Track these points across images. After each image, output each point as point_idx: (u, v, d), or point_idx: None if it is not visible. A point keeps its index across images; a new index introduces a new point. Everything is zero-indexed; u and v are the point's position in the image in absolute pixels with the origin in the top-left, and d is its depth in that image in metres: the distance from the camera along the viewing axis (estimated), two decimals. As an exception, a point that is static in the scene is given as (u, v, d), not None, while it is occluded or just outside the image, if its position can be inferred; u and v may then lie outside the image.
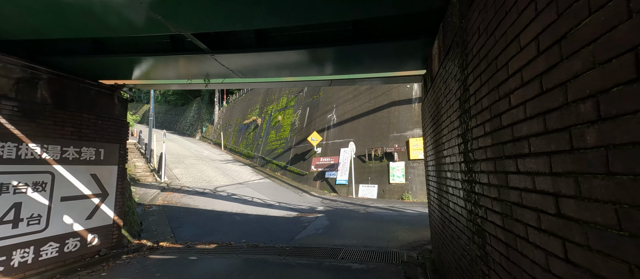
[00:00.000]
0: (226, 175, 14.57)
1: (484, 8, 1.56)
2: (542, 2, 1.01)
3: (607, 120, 0.72)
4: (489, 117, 1.56)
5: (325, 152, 14.21)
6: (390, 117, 12.11)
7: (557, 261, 0.97)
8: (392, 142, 11.60)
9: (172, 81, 5.10)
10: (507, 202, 1.37)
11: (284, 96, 19.58)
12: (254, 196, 10.70)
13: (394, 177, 11.04)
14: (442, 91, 2.69)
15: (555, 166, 0.97)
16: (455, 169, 2.33)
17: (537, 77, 1.07)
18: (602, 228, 0.74)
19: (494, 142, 1.51)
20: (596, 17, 0.75)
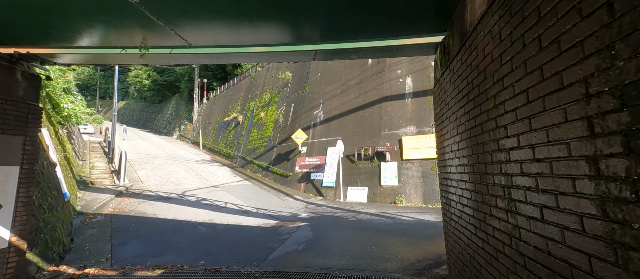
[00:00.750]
0: (200, 177, 13.06)
1: None
2: None
3: None
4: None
5: (311, 151, 13.05)
6: (382, 114, 11.15)
7: None
8: (384, 141, 10.63)
9: (98, 50, 3.75)
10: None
11: (268, 91, 18.24)
12: (229, 202, 9.34)
13: (386, 179, 10.05)
14: (494, 51, 1.61)
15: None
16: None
17: None
18: None
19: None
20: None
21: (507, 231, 1.51)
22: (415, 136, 9.96)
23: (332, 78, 13.78)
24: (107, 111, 58.58)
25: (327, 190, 11.46)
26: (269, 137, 16.04)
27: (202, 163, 16.94)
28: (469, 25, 2.03)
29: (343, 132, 12.14)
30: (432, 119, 10.38)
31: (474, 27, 1.91)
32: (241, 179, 13.60)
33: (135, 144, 21.75)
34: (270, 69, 19.32)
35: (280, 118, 15.71)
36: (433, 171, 9.24)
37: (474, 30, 1.92)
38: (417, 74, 10.81)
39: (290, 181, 13.15)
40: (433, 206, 8.73)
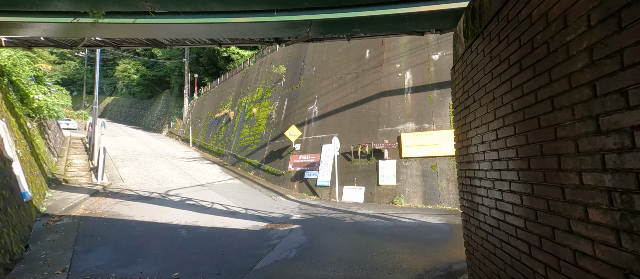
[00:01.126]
0: (186, 175, 12.31)
1: None
2: None
3: None
4: None
5: (305, 149, 12.44)
6: (380, 110, 10.62)
7: None
8: (382, 138, 10.10)
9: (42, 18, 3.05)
10: None
11: (260, 86, 17.52)
12: (216, 202, 8.67)
13: (384, 178, 9.53)
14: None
15: None
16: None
17: None
18: None
19: None
20: None
21: (617, 263, 0.94)
22: (414, 132, 9.46)
23: (328, 72, 13.19)
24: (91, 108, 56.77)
25: (322, 189, 10.89)
26: (261, 134, 15.36)
27: (191, 161, 16.14)
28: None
29: (339, 128, 11.57)
30: (433, 115, 9.94)
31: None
32: (231, 178, 12.90)
33: (121, 141, 20.74)
34: (263, 63, 18.58)
35: (273, 114, 15.04)
36: (433, 170, 8.76)
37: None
38: (416, 68, 10.30)
39: (283, 179, 12.53)
40: (433, 206, 8.25)
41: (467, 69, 2.33)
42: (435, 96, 9.57)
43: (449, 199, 8.14)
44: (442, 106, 9.31)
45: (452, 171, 8.41)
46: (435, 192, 8.46)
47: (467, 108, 2.37)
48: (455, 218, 6.75)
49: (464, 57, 2.42)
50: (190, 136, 23.50)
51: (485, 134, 1.97)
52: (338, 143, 10.48)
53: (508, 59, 1.63)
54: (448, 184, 8.33)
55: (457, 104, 2.73)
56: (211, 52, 26.81)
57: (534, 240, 1.43)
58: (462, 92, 2.47)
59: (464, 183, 2.47)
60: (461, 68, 2.49)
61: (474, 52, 2.14)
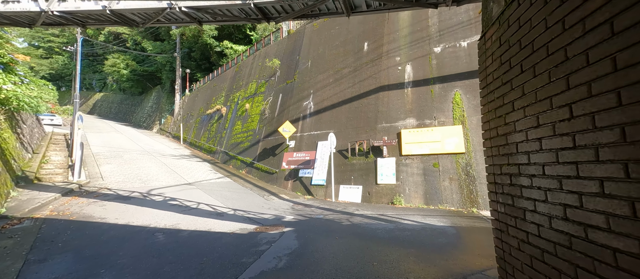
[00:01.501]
0: (173, 173, 11.61)
1: None
2: None
3: None
4: None
5: (300, 146, 11.85)
6: (379, 105, 10.07)
7: None
8: (381, 135, 9.57)
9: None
10: None
11: (254, 80, 16.83)
12: (202, 202, 8.02)
13: (382, 176, 9.00)
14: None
15: None
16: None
17: None
18: None
19: None
20: None
21: None
22: (415, 129, 8.94)
23: (324, 66, 12.59)
24: (84, 102, 55.04)
25: (317, 188, 10.31)
26: (254, 130, 14.70)
27: (180, 158, 15.40)
28: None
29: (335, 124, 11.00)
30: (435, 111, 9.42)
31: None
32: (221, 176, 12.23)
33: (107, 137, 19.83)
34: (257, 57, 17.88)
35: (267, 110, 14.39)
36: (435, 168, 8.25)
37: None
38: (418, 61, 9.78)
39: (276, 178, 11.92)
40: (436, 207, 7.74)
41: (509, 31, 1.76)
42: (437, 90, 9.06)
43: (452, 199, 7.64)
44: (445, 100, 8.81)
45: (455, 169, 7.92)
46: (437, 192, 7.96)
47: (507, 83, 1.80)
48: (460, 220, 6.24)
49: (503, 16, 1.85)
50: (181, 133, 22.67)
51: (546, 113, 1.40)
52: (334, 140, 9.91)
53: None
54: (451, 184, 7.84)
55: (488, 82, 2.16)
56: (203, 47, 25.97)
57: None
58: (499, 63, 1.90)
59: (500, 182, 1.91)
60: (498, 33, 1.92)
61: (525, 4, 1.57)
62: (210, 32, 23.73)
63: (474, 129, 8.05)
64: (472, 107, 8.29)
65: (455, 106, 8.56)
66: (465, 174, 7.73)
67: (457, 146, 8.08)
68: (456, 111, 8.49)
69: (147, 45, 29.58)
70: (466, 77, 8.68)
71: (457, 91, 8.70)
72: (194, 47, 27.19)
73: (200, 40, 25.19)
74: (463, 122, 8.26)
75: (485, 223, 5.96)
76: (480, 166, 7.60)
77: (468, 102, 8.41)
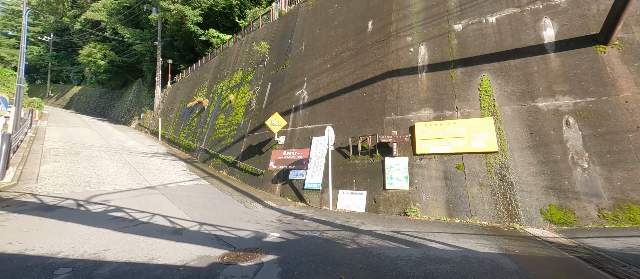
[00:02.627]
0: (136, 174, 9.59)
1: None
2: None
3: None
4: None
5: (291, 142, 10.04)
6: (386, 93, 8.38)
7: None
8: (389, 129, 7.88)
9: None
10: None
11: (240, 69, 14.90)
12: (160, 212, 6.11)
13: (392, 180, 7.30)
14: None
15: None
16: None
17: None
18: None
19: None
20: None
21: None
22: (432, 122, 7.28)
23: (320, 50, 10.84)
24: (60, 96, 51.40)
25: (311, 194, 8.53)
26: (239, 125, 12.78)
27: (151, 157, 13.31)
28: None
29: (333, 117, 9.25)
30: (457, 100, 7.65)
31: None
32: (196, 178, 10.28)
33: (71, 132, 17.46)
34: (244, 43, 15.95)
35: (254, 101, 12.50)
36: (460, 171, 6.60)
37: None
38: (433, 41, 8.14)
39: (262, 180, 10.07)
40: (463, 220, 6.08)
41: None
42: (459, 75, 7.43)
43: (484, 210, 6.00)
44: (469, 88, 7.18)
45: (486, 172, 6.28)
46: (463, 200, 6.30)
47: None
48: (508, 243, 4.56)
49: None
50: (159, 129, 20.44)
51: None
52: (332, 135, 8.14)
53: None
54: (481, 190, 6.19)
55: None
56: (187, 35, 23.77)
57: None
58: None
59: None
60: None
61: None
62: (194, 18, 21.61)
63: (509, 122, 6.44)
64: (505, 96, 6.68)
65: (483, 94, 6.94)
66: (500, 179, 6.10)
67: (488, 144, 6.45)
68: (484, 100, 6.86)
69: (124, 33, 27.09)
70: (496, 58, 7.07)
71: (485, 75, 7.09)
72: (176, 36, 24.95)
73: (184, 28, 23.01)
74: (494, 114, 6.64)
75: (549, 250, 4.30)
76: (520, 168, 5.98)
77: (499, 89, 6.81)
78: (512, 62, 6.85)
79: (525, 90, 6.49)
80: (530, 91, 6.43)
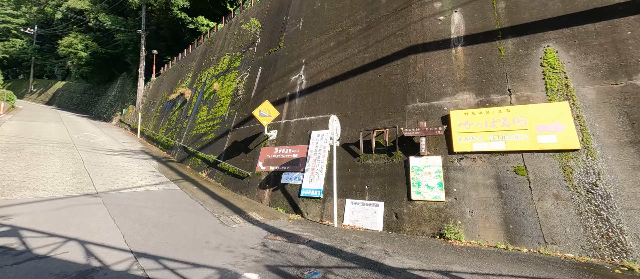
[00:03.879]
0: (83, 177, 7.50)
1: None
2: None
3: None
4: None
5: (285, 138, 8.06)
6: (408, 74, 6.46)
7: None
8: (414, 119, 5.94)
9: None
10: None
11: (227, 54, 12.88)
12: (81, 237, 4.07)
13: (420, 187, 5.35)
14: None
15: None
16: None
17: None
18: None
19: None
20: None
21: None
22: (475, 109, 5.37)
23: (322, 26, 8.90)
24: (42, 92, 48.62)
25: (309, 203, 6.54)
26: (223, 117, 10.75)
27: (118, 155, 11.19)
28: None
29: (339, 106, 7.30)
30: (510, 80, 5.01)
31: None
32: (165, 182, 8.21)
33: (35, 127, 15.23)
34: (232, 26, 13.95)
35: (241, 89, 10.49)
36: (521, 176, 4.67)
37: None
38: (471, 5, 6.24)
39: (248, 185, 8.05)
40: (534, 250, 4.14)
41: None
42: (511, 47, 5.53)
43: (566, 236, 4.06)
44: (527, 63, 5.28)
45: (564, 179, 4.35)
46: (529, 220, 4.36)
47: None
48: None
49: None
50: (139, 125, 18.26)
51: None
52: (338, 127, 6.18)
53: None
54: (558, 205, 4.26)
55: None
56: (174, 23, 21.69)
57: None
58: None
59: None
60: None
61: None
62: (181, 3, 19.55)
63: (594, 109, 4.54)
64: (583, 72, 4.79)
65: (548, 71, 5.03)
66: (587, 190, 4.18)
67: (564, 139, 4.53)
68: (552, 79, 4.96)
69: (105, 20, 24.86)
70: (566, 23, 5.19)
71: (549, 46, 5.19)
72: (162, 24, 22.84)
73: (170, 15, 20.94)
74: (568, 97, 4.73)
75: None
76: (619, 174, 4.07)
77: (574, 63, 4.91)
78: (590, 26, 4.97)
79: (615, 63, 4.61)
80: (623, 64, 4.54)
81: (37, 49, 46.54)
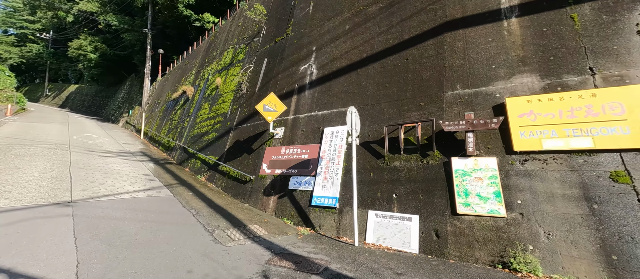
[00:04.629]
0: (62, 182, 6.59)
1: None
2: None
3: None
4: None
5: (293, 136, 6.93)
6: (445, 56, 5.21)
7: None
8: (454, 110, 4.69)
9: None
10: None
11: (231, 47, 11.92)
12: (14, 268, 3.01)
13: (469, 197, 4.08)
14: None
15: None
16: None
17: None
18: None
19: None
20: None
21: None
22: (542, 95, 4.06)
23: (335, 8, 7.75)
24: (56, 95, 49.56)
25: (323, 214, 5.36)
26: (225, 115, 9.74)
27: (112, 157, 10.36)
28: None
29: (357, 98, 6.11)
30: (590, 56, 3.66)
31: None
32: (157, 187, 7.22)
33: (34, 128, 14.74)
34: (236, 18, 13.01)
35: (245, 83, 9.46)
36: (623, 184, 3.33)
37: None
38: (527, -33, 4.93)
39: (251, 190, 6.95)
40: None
41: None
42: (590, 14, 4.21)
43: None
44: (616, 32, 3.94)
45: (693, 188, 2.98)
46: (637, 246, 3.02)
47: None
48: None
49: None
50: (142, 126, 17.61)
51: None
52: (357, 121, 4.98)
53: None
54: (689, 228, 2.90)
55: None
56: (180, 21, 21.10)
57: None
58: None
59: None
60: None
61: None
62: (186, 0, 18.89)
63: None
64: None
65: (650, 40, 3.68)
66: None
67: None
68: (657, 50, 3.60)
69: (112, 20, 24.61)
70: (672, -25, 3.82)
71: (648, 8, 3.83)
72: (168, 22, 22.31)
73: (176, 13, 20.34)
74: (687, 73, 3.37)
75: None
76: None
77: (692, 26, 3.53)
78: None
79: None
80: None
81: (52, 53, 47.50)
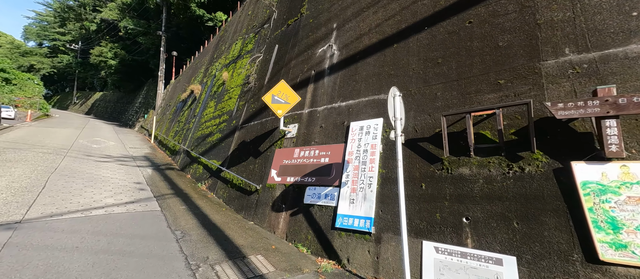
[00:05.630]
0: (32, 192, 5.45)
1: None
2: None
3: None
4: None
5: (309, 134, 5.40)
6: (538, 8, 3.46)
7: None
8: (563, 87, 2.92)
9: None
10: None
11: (239, 38, 10.72)
12: None
13: (620, 232, 2.29)
14: None
15: None
16: None
17: None
18: None
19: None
20: None
21: None
22: None
23: (361, -27, 6.18)
24: (83, 103, 51.77)
25: (352, 241, 3.74)
26: (231, 112, 8.44)
27: (111, 162, 9.37)
28: None
29: (394, 80, 4.49)
30: None
31: None
32: (143, 199, 5.93)
33: (42, 132, 14.39)
34: (246, 7, 11.83)
35: (253, 75, 8.12)
36: None
37: None
38: None
39: (257, 204, 5.48)
40: None
41: None
42: None
43: None
44: None
45: None
46: None
47: None
48: None
49: None
50: (153, 129, 16.93)
51: None
52: (399, 108, 3.32)
53: None
54: None
55: None
56: (192, 22, 20.55)
57: None
58: None
59: None
60: None
61: None
62: (197, -2, 18.24)
63: None
64: None
65: None
66: None
67: None
68: None
69: (128, 24, 24.67)
70: None
71: None
72: (182, 24, 21.87)
73: (189, 13, 19.78)
74: None
75: None
76: None
77: None
78: None
79: None
80: None
81: (80, 62, 49.81)
